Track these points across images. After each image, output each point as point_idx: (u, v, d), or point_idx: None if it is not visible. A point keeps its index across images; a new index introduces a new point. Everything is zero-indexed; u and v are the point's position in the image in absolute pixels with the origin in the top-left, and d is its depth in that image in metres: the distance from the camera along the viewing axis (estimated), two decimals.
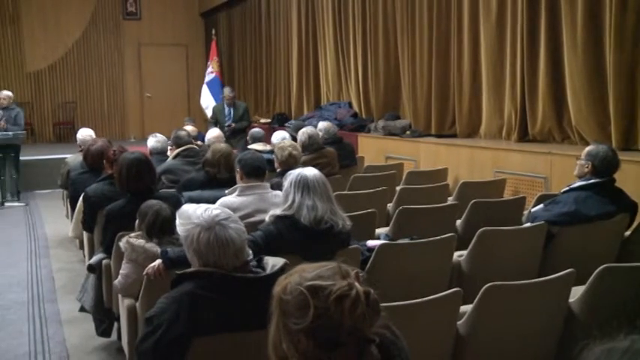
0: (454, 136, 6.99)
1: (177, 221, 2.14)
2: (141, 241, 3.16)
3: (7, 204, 8.75)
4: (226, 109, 9.37)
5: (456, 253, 3.47)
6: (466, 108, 6.85)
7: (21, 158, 9.26)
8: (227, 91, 9.65)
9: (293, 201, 2.97)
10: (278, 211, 3.02)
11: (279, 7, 11.31)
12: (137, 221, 3.25)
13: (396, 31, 8.00)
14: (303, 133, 5.79)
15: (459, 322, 2.44)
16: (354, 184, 5.37)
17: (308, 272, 1.42)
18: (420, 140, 7.11)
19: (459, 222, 4.27)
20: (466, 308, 2.46)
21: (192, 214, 2.08)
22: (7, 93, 9.33)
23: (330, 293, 1.35)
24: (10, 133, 8.78)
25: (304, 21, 10.33)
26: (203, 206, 2.10)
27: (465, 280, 3.35)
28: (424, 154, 6.91)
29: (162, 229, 3.18)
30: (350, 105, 9.14)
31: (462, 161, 6.25)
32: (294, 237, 2.95)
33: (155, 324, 1.99)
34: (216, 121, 9.23)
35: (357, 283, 1.40)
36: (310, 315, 1.34)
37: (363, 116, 8.76)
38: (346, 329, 1.34)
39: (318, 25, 9.91)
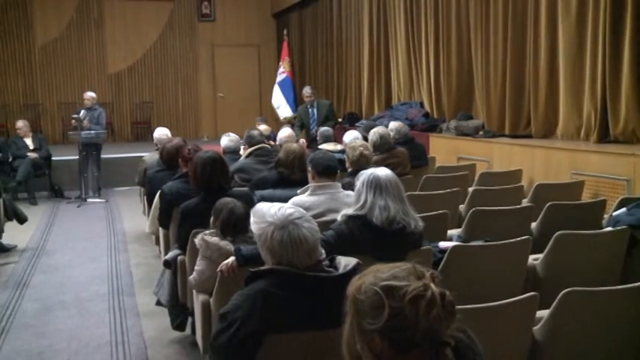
0: (529, 136, 6.79)
1: (252, 219, 2.17)
2: (215, 239, 3.23)
3: (89, 200, 9.14)
4: (309, 110, 9.00)
5: (531, 257, 3.38)
6: (542, 108, 6.64)
7: (102, 156, 9.65)
8: (306, 90, 9.22)
9: (365, 201, 2.97)
10: (350, 211, 3.02)
11: (350, 7, 11.32)
12: (212, 219, 3.32)
13: (470, 29, 7.85)
14: (374, 133, 5.77)
15: (535, 328, 2.37)
16: (426, 185, 5.31)
17: (383, 272, 1.41)
18: (493, 141, 6.96)
19: (533, 225, 4.15)
20: (542, 313, 2.38)
21: (266, 212, 2.11)
22: (90, 94, 9.75)
23: (405, 293, 1.34)
24: (92, 132, 9.17)
25: (376, 20, 10.29)
26: (277, 205, 2.13)
27: (540, 284, 3.25)
28: (497, 155, 6.75)
29: (235, 226, 3.23)
30: (421, 105, 9.04)
31: (537, 162, 6.08)
32: (365, 237, 2.94)
33: (229, 320, 2.02)
34: (302, 124, 8.89)
35: (432, 284, 1.38)
36: (385, 315, 1.33)
37: (435, 116, 8.65)
38: (421, 330, 1.32)
39: (390, 24, 9.85)
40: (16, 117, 11.92)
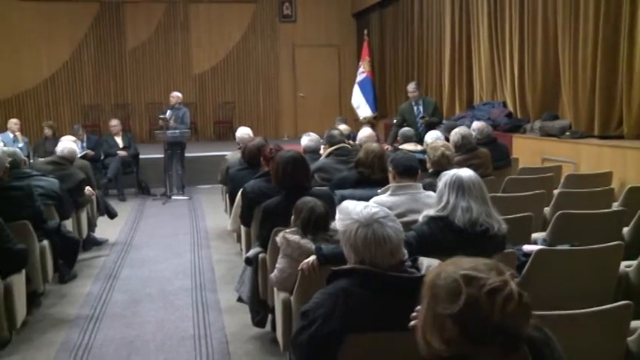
0: (620, 137, 6.49)
1: (337, 216, 2.18)
2: (296, 237, 3.26)
3: (173, 197, 9.45)
4: (414, 107, 8.64)
5: (623, 263, 3.23)
6: (636, 107, 6.32)
7: (186, 155, 9.96)
8: (410, 86, 8.81)
9: (447, 202, 2.93)
10: (432, 212, 2.99)
11: (432, 6, 11.18)
12: (292, 217, 3.36)
13: (557, 26, 7.57)
14: (455, 133, 5.68)
15: (629, 339, 2.27)
16: (509, 186, 5.17)
17: (464, 263, 1.44)
18: (580, 142, 6.69)
19: (625, 230, 3.97)
20: (637, 324, 2.27)
21: (351, 210, 2.12)
22: (176, 94, 10.09)
23: (484, 285, 1.36)
24: (177, 131, 9.48)
25: (457, 19, 10.11)
26: (363, 203, 2.13)
27: (634, 293, 3.10)
28: (585, 157, 6.49)
29: (316, 225, 3.26)
30: (504, 104, 8.81)
31: (629, 164, 5.80)
32: (447, 238, 2.90)
33: (310, 318, 2.04)
34: (401, 123, 8.48)
35: (512, 282, 1.40)
36: (461, 302, 1.35)
37: (519, 116, 8.41)
38: (494, 324, 1.34)
39: (472, 22, 9.66)
40: (108, 117, 12.49)
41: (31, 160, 8.08)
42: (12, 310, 3.67)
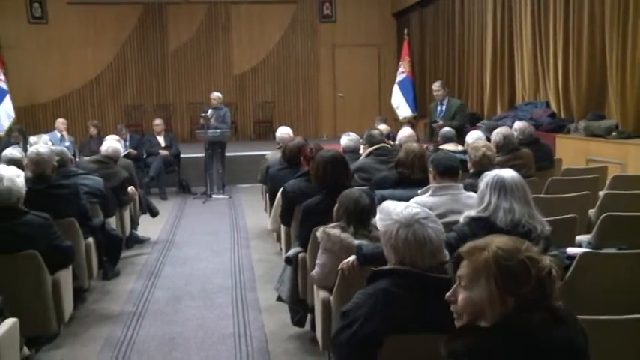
0: None
1: (377, 216, 2.18)
2: (337, 231, 3.25)
3: (214, 196, 9.56)
4: (438, 107, 8.55)
5: None
6: None
7: (226, 154, 10.06)
8: (435, 85, 8.72)
9: (489, 203, 2.90)
10: (473, 213, 2.96)
11: (473, 5, 11.05)
12: (335, 208, 3.35)
13: (604, 23, 7.40)
14: (497, 133, 5.61)
15: None
16: (551, 188, 5.08)
17: (510, 241, 1.63)
18: (628, 142, 6.53)
19: None
20: None
21: (392, 210, 2.11)
22: (217, 94, 10.21)
23: (543, 267, 1.55)
24: (218, 131, 9.58)
25: (500, 17, 9.97)
26: (403, 204, 2.13)
27: None
28: (633, 158, 6.33)
29: (360, 217, 3.24)
30: (547, 104, 8.66)
31: None
32: None
33: (351, 318, 2.05)
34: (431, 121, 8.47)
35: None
36: (532, 282, 1.53)
37: (562, 116, 8.25)
38: (548, 300, 1.56)
39: (515, 21, 9.51)
40: (150, 117, 12.72)
41: (77, 159, 8.27)
42: (60, 304, 3.77)
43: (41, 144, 5.63)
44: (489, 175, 2.96)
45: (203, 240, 7.05)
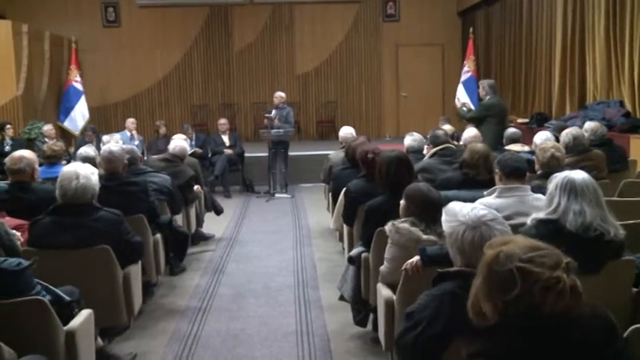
0: None
1: (443, 217, 2.16)
2: (406, 225, 3.23)
3: (277, 195, 9.67)
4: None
5: None
6: None
7: (289, 154, 10.14)
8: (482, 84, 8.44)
9: (558, 205, 2.82)
10: (541, 215, 2.88)
11: (542, 1, 10.76)
12: (402, 203, 3.32)
13: None
14: (567, 134, 5.44)
15: None
16: (625, 191, 4.90)
17: (522, 248, 1.59)
18: None
19: None
20: None
21: (458, 211, 2.09)
22: (280, 94, 10.31)
23: (538, 280, 1.49)
24: (281, 130, 9.68)
25: (571, 14, 9.66)
26: (470, 205, 2.10)
27: None
28: None
29: (428, 209, 3.20)
30: (621, 103, 8.33)
31: None
32: (557, 243, 2.77)
33: (416, 319, 2.03)
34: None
35: (565, 276, 1.52)
36: (514, 294, 1.50)
37: (638, 116, 7.93)
38: (544, 314, 1.49)
39: (587, 16, 9.19)
40: (215, 116, 12.98)
41: (145, 158, 8.52)
42: (130, 298, 3.89)
43: (113, 142, 5.84)
44: (559, 176, 2.88)
45: (266, 238, 7.14)
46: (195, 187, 6.51)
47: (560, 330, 1.55)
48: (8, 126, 9.57)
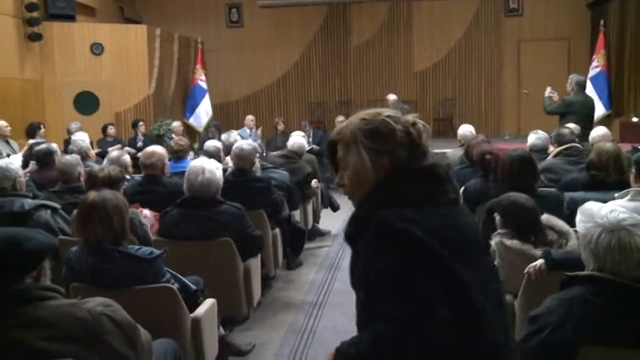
0: None
1: (578, 217, 2.05)
2: (515, 242, 3.12)
3: None
4: None
5: None
6: None
7: None
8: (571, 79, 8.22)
9: None
10: None
11: None
12: (499, 219, 3.23)
13: None
14: None
15: None
16: None
17: (371, 110, 1.68)
18: None
19: None
20: None
21: (595, 212, 1.98)
22: (392, 97, 10.32)
23: (405, 120, 1.62)
24: None
25: None
26: (609, 206, 1.98)
27: None
28: None
29: (527, 223, 3.10)
30: None
31: None
32: None
33: (541, 324, 1.96)
34: None
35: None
36: (398, 134, 1.58)
37: None
38: (421, 150, 1.61)
39: None
40: (332, 113, 13.16)
41: (264, 154, 8.77)
42: (250, 289, 4.03)
43: (238, 138, 6.06)
44: None
45: None
46: (313, 182, 6.60)
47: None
48: (141, 123, 10.20)
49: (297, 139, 6.88)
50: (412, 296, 1.44)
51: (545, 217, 3.20)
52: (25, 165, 5.85)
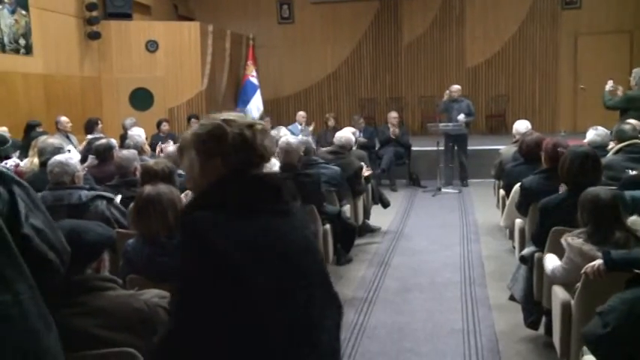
0: None
1: None
2: (578, 241, 3.05)
3: (443, 190, 9.53)
4: None
5: None
6: None
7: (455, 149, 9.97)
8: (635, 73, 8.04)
9: None
10: None
11: None
12: (579, 214, 3.15)
13: None
14: None
15: None
16: None
17: (211, 116, 1.69)
18: None
19: None
20: None
21: None
22: (456, 87, 10.23)
23: (241, 123, 1.64)
24: (450, 124, 9.56)
25: None
26: None
27: None
28: None
29: (600, 216, 3.01)
30: None
31: None
32: None
33: (604, 321, 1.94)
34: None
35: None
36: (229, 138, 1.60)
37: None
38: (257, 153, 1.62)
39: None
40: (383, 109, 13.11)
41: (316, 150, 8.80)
42: None
43: (287, 134, 6.10)
44: None
45: (432, 233, 7.07)
46: (364, 169, 6.56)
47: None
48: (194, 119, 10.37)
49: (345, 134, 6.87)
50: (186, 299, 1.55)
51: (632, 220, 3.12)
52: (83, 160, 6.02)
